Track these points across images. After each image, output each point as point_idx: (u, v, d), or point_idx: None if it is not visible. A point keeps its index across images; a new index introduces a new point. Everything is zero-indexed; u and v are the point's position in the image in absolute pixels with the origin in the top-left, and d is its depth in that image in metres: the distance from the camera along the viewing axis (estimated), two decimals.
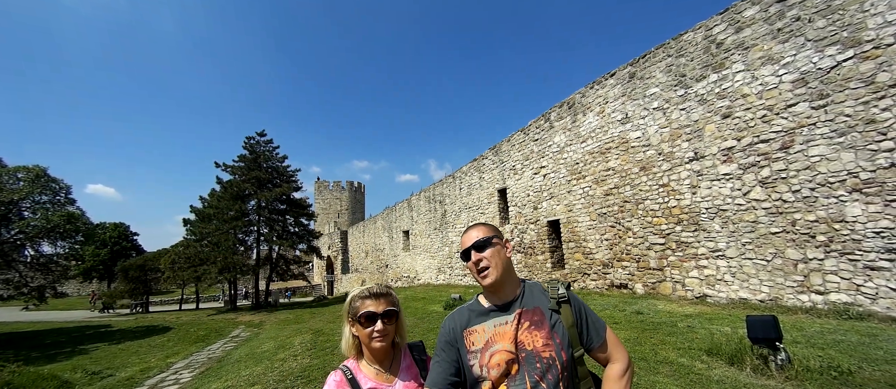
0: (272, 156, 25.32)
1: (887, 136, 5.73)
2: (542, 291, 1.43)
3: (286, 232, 24.49)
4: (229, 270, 21.38)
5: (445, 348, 1.40)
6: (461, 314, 1.46)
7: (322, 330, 11.00)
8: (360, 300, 1.49)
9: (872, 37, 5.81)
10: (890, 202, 5.72)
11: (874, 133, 5.86)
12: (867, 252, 5.94)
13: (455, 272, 19.31)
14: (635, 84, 9.72)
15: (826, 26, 6.32)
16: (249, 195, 23.52)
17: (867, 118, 5.91)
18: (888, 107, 5.70)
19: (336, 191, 51.95)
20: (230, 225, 22.38)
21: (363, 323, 1.46)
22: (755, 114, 7.34)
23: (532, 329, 1.34)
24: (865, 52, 5.90)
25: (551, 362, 1.29)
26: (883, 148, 5.78)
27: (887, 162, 5.73)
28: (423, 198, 22.92)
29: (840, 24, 6.17)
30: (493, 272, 1.36)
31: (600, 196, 10.86)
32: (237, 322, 18.31)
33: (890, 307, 5.67)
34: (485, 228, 1.44)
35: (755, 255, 7.39)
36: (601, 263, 10.92)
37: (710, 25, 8.02)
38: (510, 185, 15.01)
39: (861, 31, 5.93)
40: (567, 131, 11.99)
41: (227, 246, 21.97)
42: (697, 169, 8.39)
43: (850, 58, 6.06)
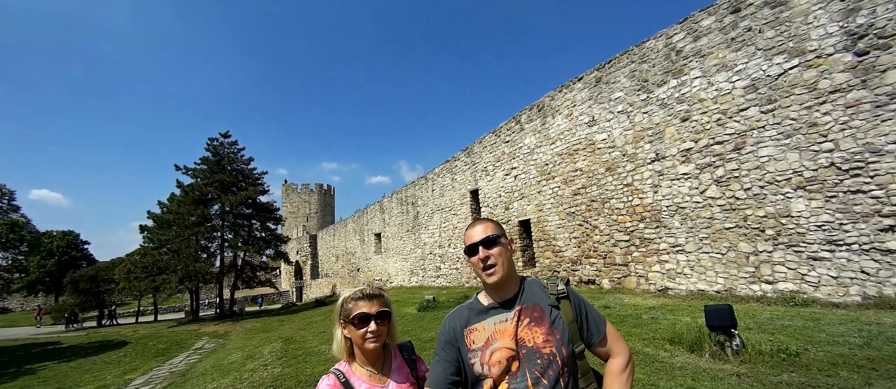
0: (237, 159, 24.41)
1: (827, 138, 6.28)
2: (541, 288, 1.44)
3: (252, 237, 23.66)
4: (191, 279, 20.38)
5: (446, 347, 1.41)
6: (461, 313, 1.46)
7: (293, 338, 10.72)
8: (353, 301, 1.48)
9: (815, 47, 6.37)
10: (830, 198, 6.27)
11: (816, 135, 6.40)
12: (810, 244, 6.48)
13: (428, 274, 19.33)
14: (601, 88, 10.13)
15: (774, 37, 6.86)
16: (213, 199, 22.55)
17: (810, 121, 6.46)
18: (828, 111, 6.25)
19: (305, 194, 50.64)
20: (192, 231, 21.36)
21: (356, 324, 1.45)
22: (711, 117, 7.83)
23: (532, 325, 1.34)
24: (809, 60, 6.45)
25: (552, 358, 1.29)
26: (823, 149, 6.33)
27: (827, 161, 6.28)
28: (395, 200, 22.80)
29: (787, 34, 6.71)
30: (499, 270, 1.36)
31: (569, 196, 11.21)
32: (200, 333, 17.50)
33: (831, 294, 6.20)
34: (492, 225, 1.43)
35: (711, 249, 7.88)
36: (570, 260, 11.27)
37: (670, 34, 8.50)
38: (482, 186, 15.22)
39: (805, 41, 6.48)
40: (537, 133, 12.31)
41: (189, 254, 20.94)
42: (659, 169, 8.84)
43: (795, 66, 6.60)
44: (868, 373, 3.50)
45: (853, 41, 5.95)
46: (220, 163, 23.64)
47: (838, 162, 6.19)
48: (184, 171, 23.07)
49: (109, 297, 26.53)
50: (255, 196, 23.60)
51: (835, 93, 6.18)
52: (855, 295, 5.96)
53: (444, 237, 18.02)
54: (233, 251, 23.54)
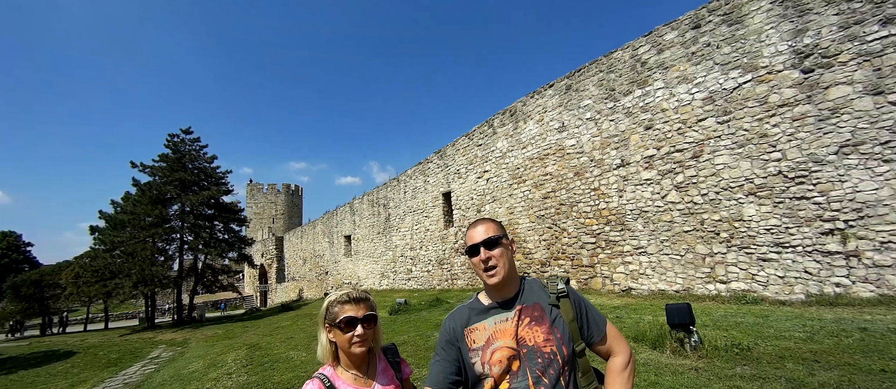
0: (199, 156, 23.33)
1: (776, 148, 6.78)
2: (541, 287, 1.45)
3: (214, 239, 22.67)
4: (146, 283, 19.27)
5: (446, 347, 1.41)
6: (461, 313, 1.46)
7: (258, 345, 10.36)
8: (339, 305, 1.47)
9: (766, 63, 6.87)
10: (778, 204, 6.76)
11: (766, 145, 6.90)
12: (760, 246, 6.96)
13: (399, 276, 19.21)
14: (571, 95, 10.47)
15: (730, 52, 7.35)
16: (172, 199, 21.44)
17: (761, 132, 6.95)
18: (777, 123, 6.75)
19: (271, 195, 48.99)
20: (148, 233, 20.21)
21: (343, 328, 1.43)
22: (672, 126, 8.27)
23: (532, 325, 1.35)
24: (761, 76, 6.95)
25: (552, 357, 1.30)
26: (772, 158, 6.83)
27: (776, 170, 6.78)
28: (366, 202, 22.53)
29: (742, 51, 7.20)
30: (500, 271, 1.36)
31: (539, 199, 11.49)
32: (157, 341, 16.58)
33: (778, 292, 6.69)
34: (494, 226, 1.43)
35: (671, 251, 8.30)
36: (540, 262, 11.54)
37: (636, 46, 8.92)
38: (455, 188, 15.32)
39: (758, 58, 6.98)
40: (509, 137, 12.55)
41: (145, 257, 19.80)
42: (624, 174, 9.23)
43: (748, 80, 7.10)
44: (811, 365, 3.81)
45: (800, 59, 6.48)
46: (181, 161, 22.52)
47: (785, 170, 6.70)
48: (141, 169, 21.82)
49: (55, 303, 24.65)
50: (217, 196, 22.64)
51: (783, 107, 6.69)
52: (799, 293, 6.45)
53: (415, 239, 17.97)
54: (193, 254, 22.47)
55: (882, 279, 5.71)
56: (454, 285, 15.24)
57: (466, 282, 14.57)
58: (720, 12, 7.47)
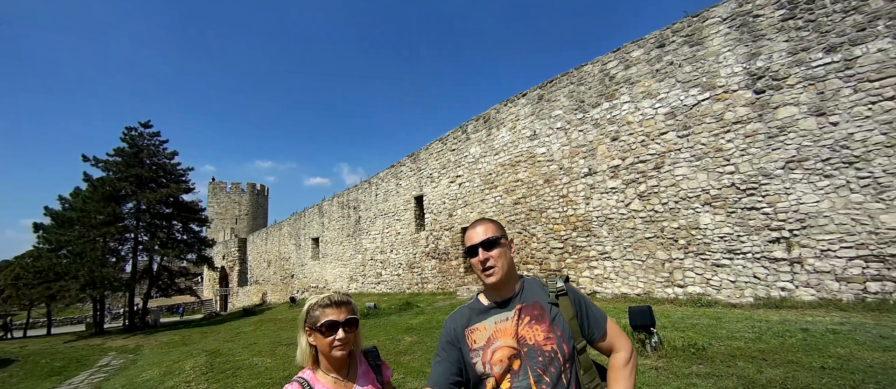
0: (158, 152, 22.09)
1: (730, 162, 7.28)
2: (540, 286, 1.46)
3: (172, 239, 21.50)
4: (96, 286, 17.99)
5: (447, 348, 1.42)
6: (462, 313, 1.47)
7: (219, 351, 9.94)
8: (321, 308, 1.45)
9: (723, 83, 7.38)
10: (730, 213, 7.25)
11: (721, 159, 7.39)
12: (714, 252, 7.43)
13: (368, 280, 18.97)
14: (543, 105, 10.79)
15: (691, 71, 7.84)
16: (127, 196, 20.17)
17: (716, 147, 7.44)
18: (731, 139, 7.26)
19: (235, 194, 46.99)
20: (99, 232, 18.90)
21: (324, 332, 1.42)
22: (636, 138, 8.69)
23: (533, 323, 1.36)
24: (718, 94, 7.45)
25: (553, 355, 1.31)
26: (726, 171, 7.32)
27: (729, 182, 7.27)
28: (336, 204, 22.14)
29: (701, 70, 7.70)
30: (498, 272, 1.37)
31: (510, 205, 11.73)
32: (106, 348, 15.52)
33: (730, 295, 7.15)
34: (493, 226, 1.43)
35: (633, 256, 8.70)
36: None
37: (605, 60, 9.33)
38: (427, 192, 15.35)
39: (716, 78, 7.48)
40: (482, 143, 12.75)
41: (95, 257, 18.47)
42: (591, 183, 9.59)
43: (706, 98, 7.59)
44: (759, 363, 4.12)
45: (753, 80, 7.01)
46: (139, 156, 21.24)
47: (738, 182, 7.20)
48: (94, 163, 20.39)
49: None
50: (177, 194, 21.52)
51: (737, 124, 7.20)
52: (749, 296, 6.93)
53: (386, 242, 17.84)
54: (148, 255, 21.23)
55: (822, 284, 6.24)
56: (424, 289, 15.22)
57: (437, 286, 14.59)
58: (683, 33, 7.96)
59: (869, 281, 5.85)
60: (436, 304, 11.75)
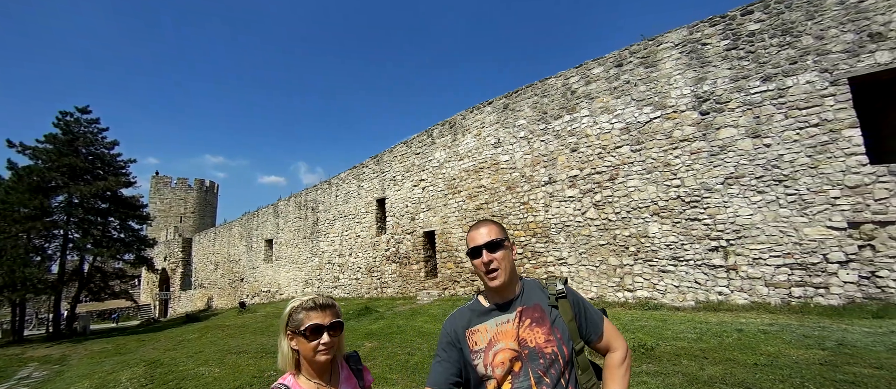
0: (96, 140, 20.19)
1: (676, 176, 7.86)
2: (540, 288, 1.48)
3: (107, 238, 19.73)
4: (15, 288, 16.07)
5: (447, 348, 1.42)
6: (462, 314, 1.47)
7: (160, 361, 9.20)
8: (304, 312, 1.41)
9: (673, 103, 7.97)
10: (676, 223, 7.81)
11: (669, 173, 7.96)
12: (661, 259, 7.96)
13: (325, 284, 18.44)
14: (508, 114, 11.10)
15: (645, 91, 8.40)
16: (58, 187, 18.23)
17: (665, 161, 8.01)
18: (678, 155, 7.85)
19: (181, 190, 43.82)
20: (22, 227, 16.93)
21: (308, 336, 1.38)
22: (594, 151, 9.16)
23: (533, 326, 1.37)
24: (668, 113, 8.04)
25: (554, 357, 1.32)
26: (673, 184, 7.90)
27: (675, 194, 7.85)
28: (292, 204, 21.37)
29: (654, 91, 8.28)
30: (501, 274, 1.38)
31: (472, 210, 11.91)
32: (25, 358, 13.91)
33: (674, 299, 7.69)
34: (496, 228, 1.43)
35: (588, 262, 9.13)
36: (470, 271, 11.90)
37: (567, 75, 9.78)
38: (389, 195, 15.23)
39: (667, 98, 8.07)
40: (447, 148, 12.87)
41: (16, 255, 16.49)
42: (550, 191, 9.97)
43: (658, 116, 8.16)
44: (701, 361, 4.48)
45: (699, 102, 7.64)
46: (74, 144, 19.28)
47: (683, 195, 7.78)
48: (20, 150, 18.28)
49: None
50: (115, 187, 19.77)
51: (684, 142, 7.80)
52: (690, 300, 7.49)
53: (345, 245, 17.46)
54: (79, 254, 19.33)
55: (753, 289, 6.87)
56: (383, 294, 15.04)
57: (397, 291, 14.47)
58: (639, 55, 8.53)
59: (793, 287, 6.53)
60: (396, 309, 11.64)
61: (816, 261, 6.40)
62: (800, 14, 6.67)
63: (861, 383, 3.48)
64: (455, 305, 10.74)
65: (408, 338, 7.68)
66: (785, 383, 3.68)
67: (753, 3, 7.10)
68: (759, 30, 7.05)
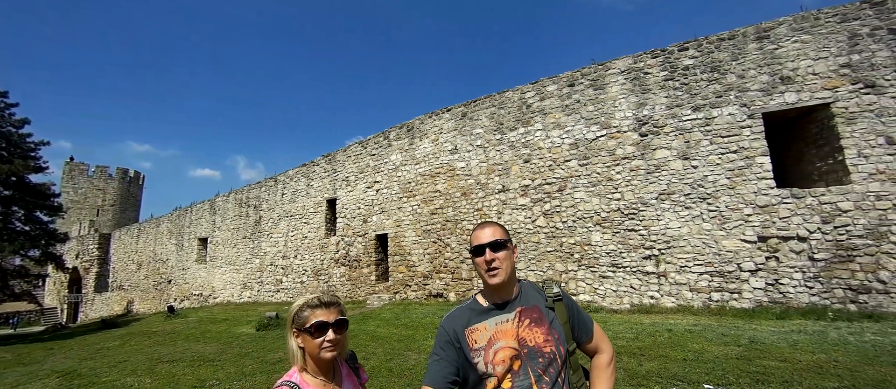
0: (3, 117, 17.62)
1: (617, 190, 8.59)
2: (537, 290, 1.54)
3: (8, 230, 17.22)
4: None
5: (445, 347, 1.44)
6: (461, 313, 1.51)
7: (76, 372, 8.21)
8: (310, 309, 1.45)
9: (617, 124, 8.72)
10: (615, 233, 8.53)
11: (611, 187, 8.68)
12: (602, 266, 8.64)
13: (265, 288, 17.55)
14: (466, 122, 11.41)
15: (593, 110, 9.10)
16: None
17: (608, 176, 8.73)
18: (620, 171, 8.59)
19: (99, 180, 38.84)
20: None
21: (313, 333, 1.41)
22: (545, 163, 9.73)
23: (532, 326, 1.42)
24: (612, 133, 8.77)
25: (552, 357, 1.38)
26: (614, 197, 8.62)
27: (616, 207, 8.57)
28: (232, 201, 20.11)
29: (601, 111, 9.00)
30: (502, 274, 1.42)
31: (427, 214, 12.05)
32: None
33: (612, 302, 8.38)
34: (500, 230, 1.49)
35: (536, 268, 9.65)
36: (422, 275, 12.02)
37: (524, 90, 10.30)
38: (341, 196, 14.92)
39: (612, 119, 8.81)
40: (404, 152, 12.92)
41: None
42: (503, 199, 10.40)
43: (603, 135, 8.88)
44: (639, 358, 4.98)
45: (639, 125, 8.44)
46: None
47: (622, 208, 8.52)
48: None
49: None
50: (22, 172, 17.26)
51: (625, 159, 8.56)
52: (626, 303, 8.21)
53: (290, 247, 16.77)
54: None
55: (679, 293, 7.70)
56: None
57: (345, 295, 14.17)
58: (589, 77, 9.24)
59: (712, 292, 7.42)
60: None
61: (732, 270, 7.33)
62: (726, 55, 7.67)
63: (770, 374, 4.10)
64: (406, 310, 10.77)
65: (361, 343, 7.59)
66: (710, 375, 4.24)
67: (689, 42, 8.05)
68: (692, 65, 7.99)
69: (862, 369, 4.01)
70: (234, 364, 7.22)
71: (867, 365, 4.09)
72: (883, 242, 6.18)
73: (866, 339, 4.94)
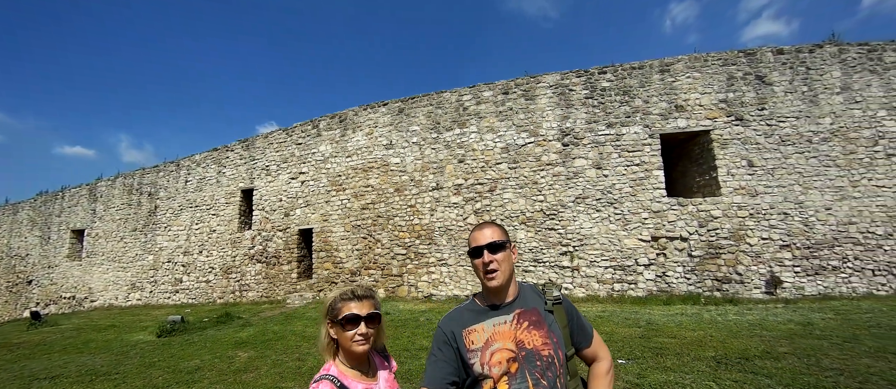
0: None
1: (541, 193, 9.50)
2: (537, 293, 1.53)
3: None
4: None
5: (443, 347, 1.42)
6: (458, 314, 1.50)
7: None
8: (343, 302, 1.45)
9: (544, 133, 9.62)
10: (538, 231, 9.43)
11: (535, 190, 9.57)
12: (525, 261, 9.49)
13: (160, 288, 15.53)
14: (403, 118, 11.50)
15: (524, 118, 9.90)
16: None
17: (534, 180, 9.60)
18: (544, 176, 9.52)
19: None
20: None
21: (344, 325, 1.42)
22: (478, 164, 10.31)
23: (531, 328, 1.40)
24: (539, 141, 9.66)
25: (551, 360, 1.36)
26: (538, 199, 9.52)
27: (539, 208, 9.48)
28: (120, 187, 17.35)
29: (530, 120, 9.83)
30: (500, 276, 1.41)
31: (357, 209, 11.89)
32: None
33: None
34: (499, 230, 1.48)
35: (466, 263, 10.19)
36: (350, 272, 11.84)
37: (462, 93, 10.74)
38: (260, 186, 13.90)
39: (540, 128, 9.69)
40: (335, 143, 12.52)
41: None
42: (437, 197, 10.77)
43: (531, 142, 9.72)
44: None
45: (563, 135, 9.44)
46: None
47: (544, 209, 9.45)
48: None
49: None
50: None
51: (549, 165, 9.50)
52: None
53: (194, 241, 15.11)
54: None
55: (589, 284, 8.83)
56: (244, 298, 13.56)
57: (261, 294, 13.27)
58: (522, 87, 10.03)
59: (615, 283, 8.66)
60: (262, 314, 10.69)
61: (630, 264, 8.64)
62: (635, 82, 8.99)
63: (665, 348, 5.05)
64: None
65: (291, 344, 7.22)
66: (621, 351, 5.06)
67: (607, 67, 9.26)
68: (608, 87, 9.19)
69: (730, 341, 5.17)
70: (139, 377, 6.36)
71: (733, 338, 5.28)
72: (741, 243, 7.91)
73: (730, 318, 6.32)
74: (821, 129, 8.25)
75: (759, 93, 8.44)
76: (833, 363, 4.26)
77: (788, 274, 7.84)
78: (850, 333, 5.29)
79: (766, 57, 8.63)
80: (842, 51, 8.46)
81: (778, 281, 7.73)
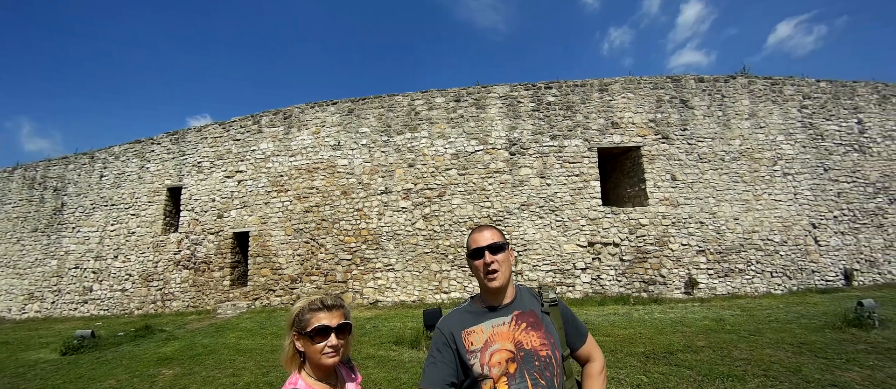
0: None
1: (489, 199, 9.78)
2: (534, 295, 1.57)
3: None
4: None
5: (442, 349, 1.43)
6: (457, 315, 1.52)
7: None
8: (311, 312, 1.38)
9: (493, 142, 9.92)
10: None
11: (483, 196, 9.83)
12: None
13: (65, 298, 13.65)
14: (352, 119, 11.24)
15: (474, 126, 10.15)
16: None
17: (482, 187, 9.86)
18: (491, 183, 9.81)
19: None
20: None
21: (314, 337, 1.35)
22: (428, 169, 10.37)
23: (529, 330, 1.43)
24: (488, 149, 9.95)
25: (548, 361, 1.39)
26: (486, 205, 9.79)
27: (487, 213, 9.75)
28: (18, 179, 15.05)
29: (480, 128, 10.10)
30: (501, 277, 1.43)
31: (300, 212, 11.38)
32: None
33: None
34: (497, 232, 1.51)
35: (414, 268, 10.18)
36: (290, 278, 11.28)
37: (414, 97, 10.76)
38: (190, 184, 12.80)
39: (489, 136, 9.98)
40: (277, 141, 11.91)
41: None
42: (385, 201, 10.65)
43: (481, 149, 9.99)
44: None
45: (510, 145, 9.81)
46: None
47: (492, 215, 9.74)
48: None
49: None
50: None
51: (496, 173, 9.81)
52: None
53: (108, 245, 13.49)
54: None
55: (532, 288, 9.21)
56: (167, 308, 12.29)
57: (187, 303, 12.13)
58: (473, 96, 10.28)
59: (556, 285, 9.12)
60: (189, 326, 9.69)
61: (569, 268, 9.16)
62: (577, 98, 9.62)
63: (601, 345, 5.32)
64: (271, 317, 9.91)
65: (224, 359, 6.50)
66: None
67: (553, 82, 9.81)
68: (554, 102, 9.74)
69: (656, 337, 5.68)
70: None
71: (659, 335, 5.80)
72: (664, 248, 8.74)
73: (656, 317, 6.94)
74: (731, 149, 9.43)
75: (683, 115, 9.44)
76: (742, 354, 4.86)
77: (703, 276, 8.81)
78: (754, 327, 6.06)
79: (689, 83, 9.70)
80: (751, 82, 9.80)
81: (695, 283, 8.65)
